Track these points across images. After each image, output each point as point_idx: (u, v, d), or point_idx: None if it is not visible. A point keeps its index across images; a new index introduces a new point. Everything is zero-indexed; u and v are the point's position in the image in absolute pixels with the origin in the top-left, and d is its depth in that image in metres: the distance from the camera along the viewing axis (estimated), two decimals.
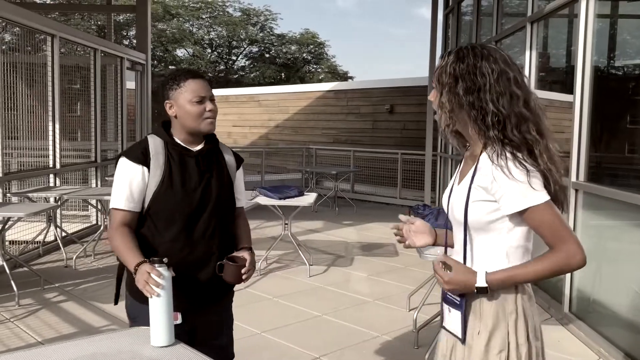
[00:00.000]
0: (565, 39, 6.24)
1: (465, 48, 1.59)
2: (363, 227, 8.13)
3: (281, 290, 4.96)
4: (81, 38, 7.13)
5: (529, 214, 1.52)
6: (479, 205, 1.56)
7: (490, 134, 1.53)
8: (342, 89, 13.79)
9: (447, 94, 1.58)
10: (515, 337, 1.56)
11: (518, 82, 1.55)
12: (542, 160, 1.52)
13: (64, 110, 6.81)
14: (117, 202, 2.01)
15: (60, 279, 5.16)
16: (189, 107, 2.02)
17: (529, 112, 1.54)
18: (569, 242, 1.51)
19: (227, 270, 2.02)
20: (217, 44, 37.41)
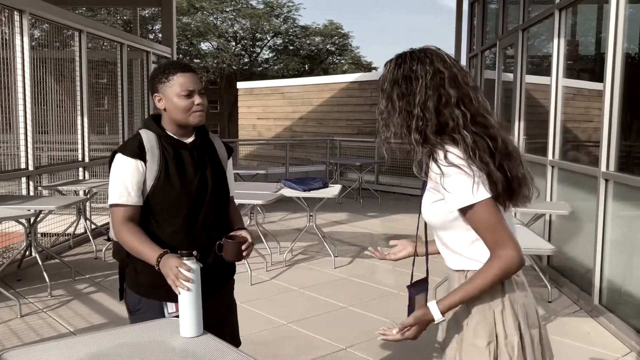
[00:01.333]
0: (595, 25, 6.10)
1: (404, 53, 1.61)
2: (388, 218, 8.11)
3: (306, 282, 4.98)
4: (108, 33, 7.23)
5: (466, 214, 1.52)
6: (436, 206, 1.58)
7: (412, 138, 1.55)
8: (366, 80, 13.72)
9: (385, 101, 1.60)
10: (504, 328, 1.55)
11: (456, 81, 1.55)
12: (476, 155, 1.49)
13: (92, 105, 6.92)
14: (118, 198, 1.99)
15: (90, 271, 5.27)
16: (177, 101, 2.02)
17: (465, 109, 1.53)
18: (506, 246, 1.49)
19: (227, 249, 2.01)
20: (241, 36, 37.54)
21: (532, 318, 1.60)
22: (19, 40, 5.31)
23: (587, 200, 4.46)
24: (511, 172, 1.54)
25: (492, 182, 1.50)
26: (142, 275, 2.05)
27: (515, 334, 1.55)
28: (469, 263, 1.59)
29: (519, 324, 1.56)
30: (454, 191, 1.50)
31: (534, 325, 1.60)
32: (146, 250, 1.94)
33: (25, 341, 3.67)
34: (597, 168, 4.13)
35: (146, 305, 2.07)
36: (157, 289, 2.00)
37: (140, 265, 2.03)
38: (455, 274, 1.65)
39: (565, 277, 4.90)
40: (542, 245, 3.26)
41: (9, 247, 6.27)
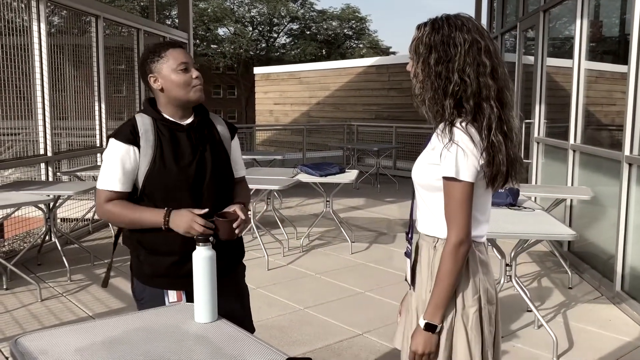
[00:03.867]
0: (619, 6, 5.94)
1: (440, 19, 1.63)
2: (405, 204, 8.05)
3: (323, 267, 4.97)
4: (124, 18, 7.22)
5: (444, 183, 1.59)
6: (430, 169, 1.63)
7: (445, 103, 1.59)
8: (383, 64, 13.58)
9: (421, 64, 1.63)
10: (462, 300, 1.63)
11: (489, 51, 1.58)
12: (492, 132, 1.56)
13: (111, 91, 6.95)
14: (105, 184, 1.96)
15: (108, 255, 5.26)
16: (174, 77, 1.95)
17: (494, 81, 1.58)
18: (457, 227, 1.57)
19: (220, 227, 1.93)
20: (258, 21, 37.42)
21: (490, 294, 1.68)
22: (37, 27, 5.32)
23: (610, 185, 4.37)
24: (513, 154, 1.62)
25: (494, 163, 1.57)
26: (145, 264, 2.04)
27: (473, 306, 1.64)
28: (441, 231, 1.64)
29: (479, 298, 1.65)
30: (447, 161, 1.56)
31: (491, 301, 1.68)
32: (146, 214, 1.93)
33: (45, 325, 3.72)
34: (621, 152, 4.03)
35: (150, 294, 2.05)
36: (158, 277, 2.01)
37: (143, 254, 2.02)
38: (424, 242, 1.71)
39: (586, 263, 4.82)
40: (562, 230, 3.19)
41: (29, 232, 6.36)
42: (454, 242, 1.58)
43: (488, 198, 1.69)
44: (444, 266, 1.59)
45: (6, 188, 4.80)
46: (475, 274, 1.65)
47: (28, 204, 4.30)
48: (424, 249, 1.71)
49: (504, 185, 1.64)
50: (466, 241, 1.58)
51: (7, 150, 6.01)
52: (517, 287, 3.60)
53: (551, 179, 5.94)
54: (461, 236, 1.57)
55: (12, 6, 5.36)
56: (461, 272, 1.61)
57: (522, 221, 3.37)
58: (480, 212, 1.66)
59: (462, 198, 1.57)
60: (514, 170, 1.63)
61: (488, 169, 1.57)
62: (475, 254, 1.66)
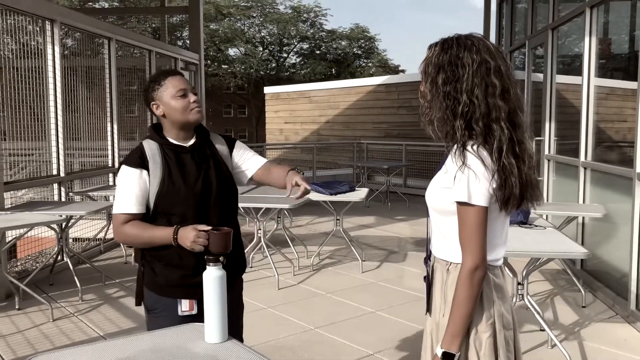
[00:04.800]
0: (628, 23, 5.94)
1: (450, 39, 1.62)
2: (416, 222, 8.03)
3: (334, 286, 4.95)
4: (136, 40, 7.33)
5: (458, 208, 1.57)
6: (443, 192, 1.61)
7: (456, 124, 1.57)
8: (392, 83, 13.63)
9: (429, 84, 1.63)
10: (475, 324, 1.60)
11: (499, 72, 1.57)
12: (502, 154, 1.54)
13: (123, 112, 7.03)
14: (121, 207, 2.08)
15: (120, 275, 5.33)
16: (174, 103, 2.11)
17: (505, 102, 1.56)
18: (471, 253, 1.55)
19: (211, 240, 1.95)
20: (268, 41, 37.77)
21: (507, 319, 1.65)
22: (51, 49, 5.42)
23: (622, 202, 4.33)
24: (526, 177, 1.59)
25: (507, 186, 1.55)
26: (160, 275, 2.14)
27: (486, 332, 1.60)
28: (455, 256, 1.62)
29: (493, 323, 1.62)
30: (460, 185, 1.54)
31: (508, 327, 1.65)
32: (157, 232, 2.06)
33: (57, 345, 3.73)
34: (632, 169, 4.01)
35: (162, 305, 2.14)
36: (173, 287, 2.11)
37: (158, 266, 2.13)
38: (438, 265, 1.70)
39: (599, 282, 4.77)
40: (574, 249, 3.17)
41: (42, 252, 6.40)
42: (470, 268, 1.55)
43: (504, 221, 1.67)
44: (460, 293, 1.57)
45: (19, 208, 4.85)
46: (489, 298, 1.62)
47: (40, 224, 4.35)
48: (438, 272, 1.70)
49: (518, 208, 1.62)
50: (482, 266, 1.56)
51: (21, 170, 6.08)
52: (530, 306, 3.56)
53: (562, 197, 5.90)
54: (476, 261, 1.55)
55: (27, 29, 5.47)
56: (478, 299, 1.58)
57: (533, 239, 3.35)
58: (495, 235, 1.64)
59: (476, 223, 1.55)
60: (529, 193, 1.60)
61: (500, 192, 1.54)
62: (490, 278, 1.63)
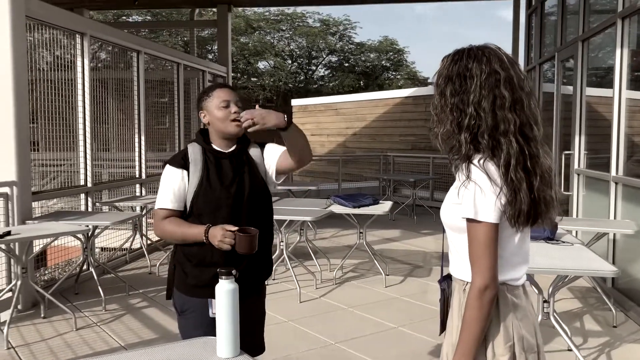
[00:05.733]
0: None
1: (462, 50, 1.58)
2: (442, 236, 7.90)
3: (356, 300, 4.89)
4: (164, 53, 7.44)
5: (467, 224, 1.52)
6: (455, 208, 1.57)
7: (461, 137, 1.53)
8: (420, 95, 13.55)
9: (438, 96, 1.59)
10: (493, 349, 1.54)
11: (511, 83, 1.51)
12: (510, 168, 1.47)
13: (153, 123, 7.15)
14: (161, 203, 2.26)
15: (144, 285, 5.37)
16: (216, 112, 2.27)
17: (515, 115, 1.50)
18: (481, 272, 1.49)
19: (237, 240, 2.08)
20: (297, 54, 38.03)
21: (529, 342, 1.57)
22: (80, 62, 5.53)
23: None
24: (539, 193, 1.51)
25: (516, 201, 1.48)
26: (190, 276, 2.26)
27: (504, 355, 1.53)
28: (470, 274, 1.55)
29: (512, 346, 1.54)
30: (466, 201, 1.50)
31: (531, 350, 1.57)
32: (191, 230, 2.19)
33: (79, 354, 3.76)
34: None
35: (193, 306, 2.25)
36: (203, 288, 2.19)
37: (189, 266, 2.25)
38: (456, 285, 1.65)
39: (632, 301, 4.61)
40: (603, 266, 3.06)
41: (70, 261, 6.50)
42: (478, 287, 1.49)
43: (523, 238, 1.59)
44: (469, 313, 1.51)
45: (47, 218, 4.93)
46: (507, 319, 1.55)
47: (65, 234, 4.41)
48: (456, 292, 1.65)
49: (531, 225, 1.54)
50: (491, 286, 1.49)
51: (52, 180, 6.21)
52: (556, 325, 3.45)
53: (593, 212, 5.74)
54: (485, 281, 1.49)
55: (62, 43, 5.60)
56: (488, 319, 1.52)
57: (559, 256, 3.25)
58: (513, 253, 1.57)
59: (485, 240, 1.49)
60: (541, 211, 1.52)
61: (510, 208, 1.48)
62: (508, 298, 1.56)
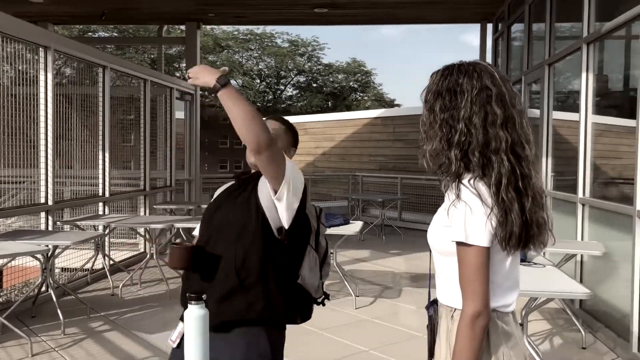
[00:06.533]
0: (623, 63, 5.96)
1: (452, 65, 1.54)
2: (411, 256, 7.90)
3: (327, 323, 4.80)
4: (131, 69, 7.30)
5: (456, 248, 1.45)
6: (443, 231, 1.50)
7: (451, 154, 1.47)
8: (388, 116, 13.67)
9: (427, 112, 1.54)
10: None
11: (503, 100, 1.46)
12: (501, 188, 1.42)
13: (118, 140, 6.98)
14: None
15: (106, 308, 5.16)
16: None
17: (506, 133, 1.45)
18: (473, 299, 1.42)
19: (169, 253, 1.98)
20: (266, 74, 38.10)
21: None
22: (43, 76, 5.36)
23: (622, 240, 4.24)
24: (531, 215, 1.45)
25: (507, 222, 1.42)
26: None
27: None
28: (459, 301, 1.48)
29: None
30: (456, 224, 1.43)
31: None
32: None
33: None
34: (633, 207, 3.93)
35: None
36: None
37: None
38: (443, 311, 1.57)
39: (600, 322, 4.64)
40: (576, 288, 3.06)
41: (27, 282, 6.23)
42: (470, 315, 1.42)
43: (514, 262, 1.53)
44: (460, 342, 1.44)
45: (4, 237, 4.71)
46: (497, 348, 1.48)
47: (23, 254, 4.21)
48: (443, 319, 1.57)
49: (523, 249, 1.48)
50: (484, 313, 1.42)
51: (11, 198, 5.96)
52: (529, 348, 3.43)
53: (561, 234, 5.80)
54: (477, 308, 1.41)
55: (26, 57, 5.43)
56: (480, 349, 1.44)
57: (533, 278, 3.24)
58: (504, 278, 1.51)
59: (476, 265, 1.42)
60: (533, 233, 1.46)
61: (501, 230, 1.42)
62: (498, 326, 1.49)
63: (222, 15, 9.61)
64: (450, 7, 8.65)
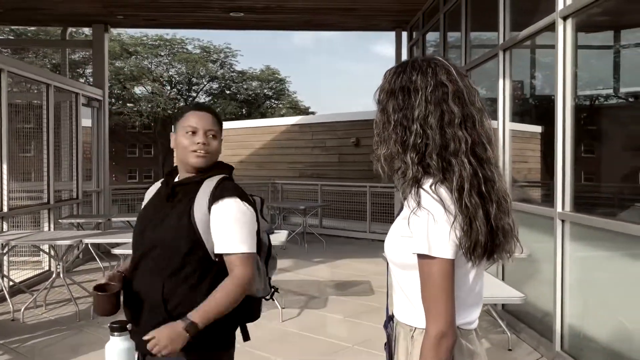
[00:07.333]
0: (528, 70, 6.22)
1: (405, 62, 1.43)
2: (334, 264, 7.82)
3: (253, 338, 4.56)
4: (31, 72, 6.73)
5: (418, 261, 1.33)
6: (403, 242, 1.37)
7: (407, 157, 1.35)
8: (306, 123, 13.62)
9: (379, 113, 1.42)
10: None
11: (461, 98, 1.35)
12: (464, 193, 1.30)
13: (16, 150, 6.40)
14: None
15: (5, 335, 4.65)
16: (180, 139, 1.94)
17: (466, 133, 1.33)
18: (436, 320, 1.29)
19: (95, 303, 1.80)
20: (177, 80, 37.13)
21: None
22: None
23: (543, 241, 4.34)
24: (496, 222, 1.33)
25: (472, 230, 1.29)
26: None
27: None
28: (419, 319, 1.36)
29: None
30: (418, 234, 1.30)
31: None
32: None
33: None
34: (553, 209, 4.03)
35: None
36: None
37: None
38: (401, 330, 1.42)
39: (522, 322, 4.74)
40: (510, 293, 3.06)
41: None
42: (434, 335, 1.29)
43: (478, 275, 1.41)
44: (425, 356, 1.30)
45: None
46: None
47: None
48: (401, 338, 1.43)
49: (488, 259, 1.36)
50: (449, 333, 1.29)
51: None
52: None
53: None
54: (442, 327, 1.29)
55: None
56: None
57: None
58: (468, 292, 1.39)
59: (440, 279, 1.29)
60: (499, 242, 1.34)
61: (465, 239, 1.30)
62: (463, 345, 1.37)
63: (132, 18, 9.12)
64: (364, 14, 8.70)
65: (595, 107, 6.22)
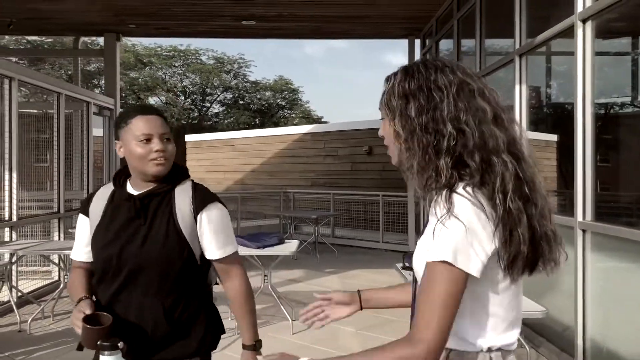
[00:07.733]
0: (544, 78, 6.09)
1: (412, 64, 1.28)
2: (346, 274, 7.68)
3: (262, 351, 4.45)
4: (43, 81, 6.71)
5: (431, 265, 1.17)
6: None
7: (441, 163, 1.19)
8: (319, 132, 13.54)
9: (399, 120, 1.24)
10: None
11: (484, 95, 1.23)
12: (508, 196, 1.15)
13: (32, 160, 6.40)
14: (72, 252, 1.95)
15: (11, 347, 4.58)
16: (133, 147, 1.76)
17: (501, 130, 1.21)
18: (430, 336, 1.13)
19: (82, 331, 1.60)
20: (191, 91, 37.29)
21: None
22: None
23: None
24: (540, 229, 1.18)
25: (512, 240, 1.14)
26: None
27: None
28: (452, 339, 1.21)
29: None
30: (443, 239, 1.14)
31: None
32: (74, 292, 1.81)
33: None
34: (573, 218, 3.88)
35: None
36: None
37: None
38: None
39: (541, 336, 4.57)
40: (531, 307, 2.91)
41: None
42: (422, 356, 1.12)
43: (518, 291, 1.27)
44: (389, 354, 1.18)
45: None
46: None
47: None
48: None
49: (530, 273, 1.22)
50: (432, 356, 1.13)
51: None
52: None
53: None
54: (433, 346, 1.12)
55: None
56: None
57: None
58: (508, 309, 1.25)
59: (451, 293, 1.13)
60: (543, 251, 1.20)
61: (504, 250, 1.15)
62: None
63: (143, 27, 9.11)
64: (377, 22, 8.61)
65: (611, 115, 6.07)
